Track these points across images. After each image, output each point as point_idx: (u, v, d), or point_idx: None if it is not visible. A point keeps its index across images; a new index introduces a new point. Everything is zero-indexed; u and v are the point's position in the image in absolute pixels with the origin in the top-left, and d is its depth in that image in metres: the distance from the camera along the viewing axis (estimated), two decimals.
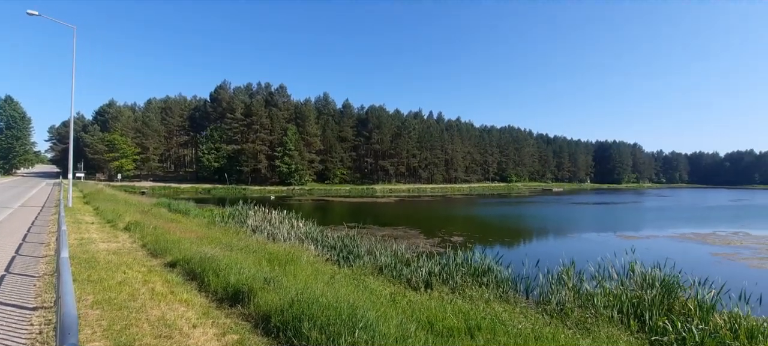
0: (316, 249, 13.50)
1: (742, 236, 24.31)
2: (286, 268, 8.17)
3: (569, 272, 10.20)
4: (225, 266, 7.07)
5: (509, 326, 6.02)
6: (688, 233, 25.17)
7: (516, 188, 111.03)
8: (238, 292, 5.74)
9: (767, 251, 18.87)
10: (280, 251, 10.12)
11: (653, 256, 13.10)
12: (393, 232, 23.16)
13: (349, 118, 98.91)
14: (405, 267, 11.22)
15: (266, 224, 19.34)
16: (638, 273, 9.81)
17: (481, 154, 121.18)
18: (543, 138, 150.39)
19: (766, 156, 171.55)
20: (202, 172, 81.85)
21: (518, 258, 13.65)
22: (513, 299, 9.15)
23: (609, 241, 21.63)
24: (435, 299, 8.00)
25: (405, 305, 6.70)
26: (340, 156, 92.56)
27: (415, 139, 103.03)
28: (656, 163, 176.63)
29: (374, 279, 9.58)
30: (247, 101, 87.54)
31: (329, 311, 4.31)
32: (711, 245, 20.54)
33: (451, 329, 5.45)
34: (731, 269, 14.78)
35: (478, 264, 11.32)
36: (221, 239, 12.56)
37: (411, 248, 15.33)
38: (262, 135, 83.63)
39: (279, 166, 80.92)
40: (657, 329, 7.35)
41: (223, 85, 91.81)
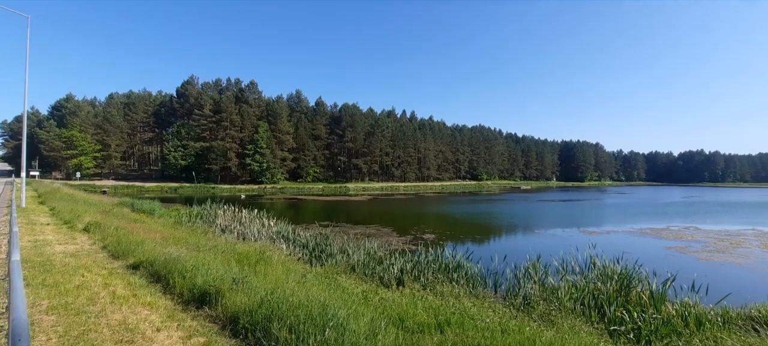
0: (288, 248, 13.34)
1: (693, 230, 25.99)
2: (256, 268, 8.04)
3: (535, 266, 10.60)
4: (191, 267, 6.88)
5: (477, 321, 6.20)
6: (645, 229, 26.65)
7: (486, 186, 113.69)
8: (205, 293, 5.61)
9: (714, 244, 20.26)
10: (250, 251, 9.93)
11: (613, 250, 13.80)
12: (366, 230, 23.19)
13: (322, 116, 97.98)
14: (377, 265, 11.28)
15: (236, 223, 18.91)
16: (599, 267, 10.32)
17: (453, 153, 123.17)
18: (512, 137, 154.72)
19: (714, 156, 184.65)
20: (169, 170, 78.72)
21: (488, 254, 14.02)
22: (482, 294, 9.41)
23: (573, 236, 22.56)
24: (406, 295, 8.11)
25: (377, 303, 6.75)
26: (313, 154, 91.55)
27: (389, 137, 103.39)
28: (616, 162, 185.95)
29: (346, 278, 9.59)
30: (217, 97, 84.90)
31: (300, 310, 4.29)
32: (665, 240, 21.84)
33: (421, 324, 5.55)
34: (682, 261, 15.78)
35: (448, 261, 11.54)
36: (188, 239, 12.18)
37: (384, 246, 15.43)
38: (232, 132, 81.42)
39: (250, 165, 79.10)
40: (615, 319, 7.76)
41: (190, 81, 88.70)
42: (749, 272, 14.46)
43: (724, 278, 12.88)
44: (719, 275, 13.43)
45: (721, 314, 7.78)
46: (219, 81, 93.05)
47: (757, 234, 24.19)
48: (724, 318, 7.63)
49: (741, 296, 9.23)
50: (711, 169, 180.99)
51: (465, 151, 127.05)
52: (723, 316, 7.70)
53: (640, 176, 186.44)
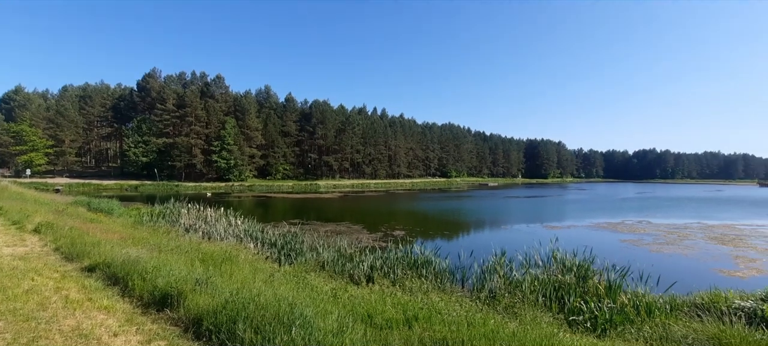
0: (255, 247, 13.08)
1: (645, 224, 27.66)
2: (221, 268, 7.84)
3: (501, 261, 10.94)
4: (152, 268, 6.62)
5: (445, 315, 6.34)
6: (602, 223, 28.10)
7: (455, 183, 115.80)
8: (166, 295, 5.42)
9: (664, 237, 21.67)
10: (215, 251, 9.67)
11: (573, 243, 14.45)
12: (336, 227, 23.09)
13: (292, 113, 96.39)
14: (347, 262, 11.28)
15: (201, 222, 18.30)
16: (559, 260, 10.79)
17: (423, 151, 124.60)
18: (480, 136, 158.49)
19: (665, 154, 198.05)
20: (128, 167, 74.94)
21: (456, 250, 14.32)
22: (450, 289, 9.62)
23: (536, 231, 23.44)
24: (376, 292, 8.17)
25: (346, 300, 6.76)
26: (283, 151, 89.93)
27: (360, 134, 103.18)
28: (577, 159, 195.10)
29: (316, 276, 9.53)
30: (180, 91, 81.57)
31: (266, 310, 4.24)
32: (620, 233, 23.12)
33: (390, 320, 5.61)
34: (636, 253, 16.77)
35: (418, 257, 11.70)
36: (149, 239, 11.69)
37: (354, 243, 15.42)
38: (198, 128, 78.53)
39: (217, 162, 76.66)
40: (574, 309, 8.15)
41: (152, 73, 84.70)
42: (694, 262, 15.59)
43: (672, 268, 13.81)
44: (668, 266, 14.39)
45: (668, 301, 8.30)
46: (183, 74, 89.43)
47: (702, 227, 26.07)
48: (671, 305, 8.15)
49: (687, 285, 9.92)
50: (662, 166, 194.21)
51: (435, 149, 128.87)
52: (670, 303, 8.23)
53: (598, 173, 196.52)
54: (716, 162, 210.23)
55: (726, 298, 8.27)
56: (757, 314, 7.43)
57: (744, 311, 7.60)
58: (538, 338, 5.01)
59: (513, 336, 5.11)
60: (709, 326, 6.79)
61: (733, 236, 21.90)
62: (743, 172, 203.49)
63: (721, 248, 18.51)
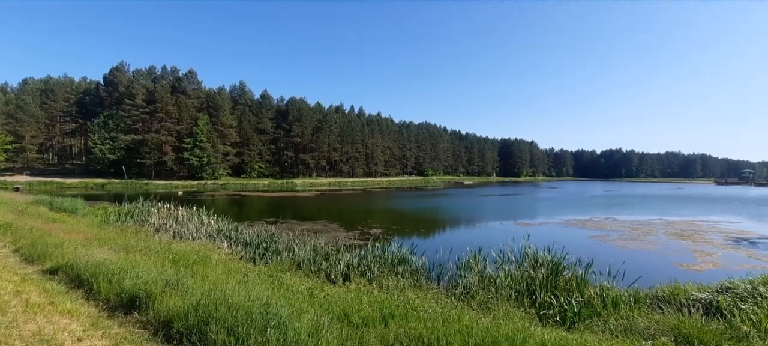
0: (229, 247, 12.80)
1: (611, 220, 28.85)
2: (193, 269, 7.63)
3: (476, 257, 11.14)
4: (119, 269, 6.38)
5: (421, 312, 6.42)
6: (572, 220, 29.10)
7: (432, 181, 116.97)
8: (134, 298, 5.24)
9: (629, 233, 22.66)
10: (187, 251, 9.41)
11: (544, 240, 14.87)
12: (313, 226, 22.89)
13: (268, 110, 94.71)
14: (324, 261, 11.19)
15: (172, 222, 17.72)
16: (531, 256, 11.08)
17: (400, 149, 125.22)
18: (456, 135, 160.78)
19: (630, 154, 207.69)
20: (94, 165, 71.59)
21: (432, 247, 14.49)
22: (426, 286, 9.71)
23: (510, 228, 24.02)
24: (352, 290, 8.16)
25: (322, 299, 6.73)
26: (259, 149, 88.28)
27: (337, 133, 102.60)
28: (548, 158, 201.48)
29: (292, 275, 9.42)
30: (150, 86, 78.62)
31: (240, 310, 4.17)
32: (588, 229, 24.01)
33: (366, 318, 5.63)
34: (603, 248, 17.48)
35: (394, 255, 11.74)
36: (116, 240, 11.25)
37: (331, 242, 15.33)
38: (168, 124, 75.97)
39: (189, 159, 74.40)
40: (545, 303, 8.40)
41: (119, 67, 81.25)
42: (656, 256, 16.39)
43: (636, 263, 14.45)
44: (632, 260, 15.03)
45: (633, 294, 8.65)
46: (153, 69, 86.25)
47: (664, 223, 27.42)
48: (635, 298, 8.50)
49: (649, 278, 10.39)
50: (628, 165, 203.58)
51: (412, 148, 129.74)
52: (634, 296, 8.58)
53: (568, 172, 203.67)
54: (677, 162, 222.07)
55: (685, 290, 8.72)
56: (713, 305, 7.86)
57: (701, 302, 8.03)
58: (510, 333, 5.14)
59: (486, 331, 5.22)
60: (669, 318, 7.14)
61: (691, 232, 23.14)
62: (701, 171, 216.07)
63: (681, 243, 19.54)
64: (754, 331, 6.43)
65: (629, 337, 6.45)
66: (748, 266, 14.25)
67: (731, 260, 15.72)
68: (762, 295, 8.27)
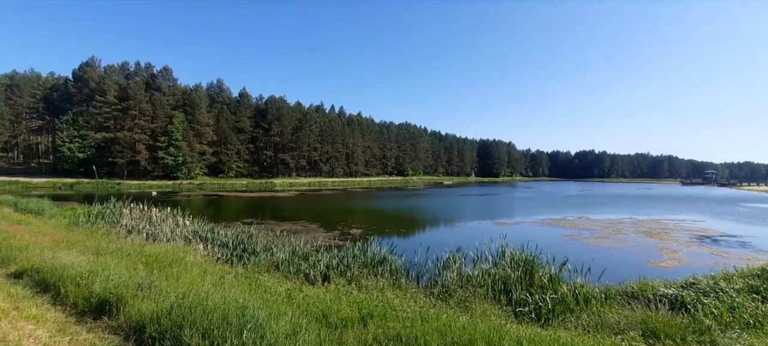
0: (205, 248, 12.53)
1: (585, 219, 29.77)
2: (167, 271, 7.44)
3: (454, 257, 11.29)
4: (88, 273, 6.15)
5: (399, 312, 6.46)
6: (547, 219, 29.87)
7: (412, 181, 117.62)
8: (104, 302, 5.07)
9: (601, 231, 23.45)
10: (160, 253, 9.16)
11: (520, 239, 15.21)
12: (293, 226, 22.66)
13: (246, 109, 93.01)
14: (303, 262, 11.10)
15: (145, 222, 17.19)
16: (508, 255, 11.32)
17: (381, 149, 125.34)
18: (436, 135, 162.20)
19: (602, 155, 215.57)
20: (63, 164, 68.51)
21: (412, 247, 14.57)
22: (405, 286, 9.78)
23: (488, 228, 24.45)
24: (332, 291, 8.14)
25: (301, 301, 6.68)
26: (237, 148, 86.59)
27: (317, 132, 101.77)
28: (526, 159, 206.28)
29: (270, 276, 9.31)
30: (123, 83, 75.91)
31: (215, 314, 4.09)
32: (562, 228, 24.70)
33: (345, 319, 5.63)
34: (576, 246, 18.03)
35: (374, 255, 11.77)
36: (85, 242, 10.84)
37: (310, 242, 15.20)
38: (142, 122, 73.56)
39: (163, 159, 72.21)
40: (520, 301, 8.60)
41: (90, 63, 78.12)
42: (626, 254, 17.02)
43: (607, 260, 14.97)
44: (604, 258, 15.58)
45: (604, 291, 8.95)
46: (126, 64, 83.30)
47: (633, 222, 28.50)
48: (606, 295, 8.80)
49: (620, 275, 10.77)
50: (600, 166, 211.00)
51: (392, 148, 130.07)
52: (605, 293, 8.88)
53: (544, 172, 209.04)
54: (646, 162, 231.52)
55: (652, 286, 9.10)
56: (679, 300, 8.24)
57: (667, 297, 8.40)
58: (486, 330, 5.25)
59: (463, 329, 5.31)
60: (637, 313, 7.44)
61: (659, 230, 24.15)
62: (668, 171, 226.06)
63: (649, 240, 20.35)
64: (715, 324, 6.78)
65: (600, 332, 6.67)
66: (711, 262, 14.98)
67: (695, 256, 16.50)
68: (723, 290, 8.73)
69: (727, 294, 8.44)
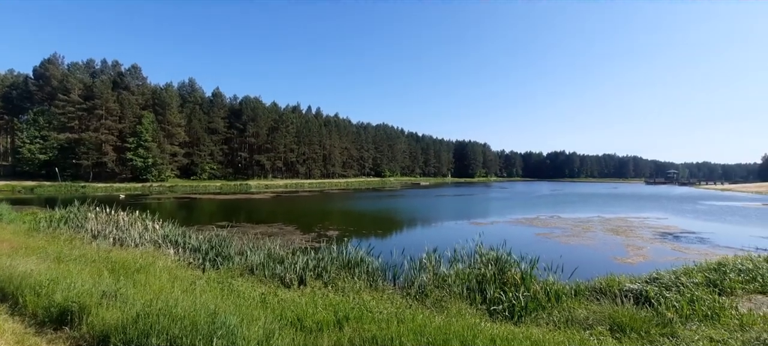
0: (176, 253, 12.14)
1: (556, 218, 30.68)
2: (135, 277, 7.17)
3: (430, 257, 11.39)
4: (48, 281, 5.86)
5: (375, 313, 6.46)
6: (520, 218, 30.60)
7: (389, 182, 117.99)
8: (65, 311, 4.83)
9: (571, 229, 24.23)
10: (128, 259, 8.82)
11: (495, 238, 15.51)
12: (268, 229, 22.28)
13: (220, 109, 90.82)
14: (278, 265, 10.93)
15: (112, 227, 16.49)
16: (483, 254, 11.52)
17: (358, 150, 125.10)
18: (413, 136, 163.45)
19: (572, 156, 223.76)
20: (22, 165, 64.83)
21: (389, 248, 14.60)
22: (382, 287, 9.79)
23: (464, 227, 24.82)
24: (307, 294, 8.05)
25: (275, 305, 6.58)
26: (210, 149, 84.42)
27: (294, 133, 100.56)
28: (500, 160, 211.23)
29: (244, 281, 9.12)
30: (88, 81, 72.65)
31: (184, 321, 3.97)
32: (535, 227, 25.38)
33: (320, 323, 5.58)
34: (548, 245, 18.55)
35: (351, 256, 11.71)
36: (47, 248, 10.31)
37: (286, 245, 15.00)
38: (109, 122, 70.61)
39: (132, 160, 69.56)
40: (495, 299, 8.77)
41: (52, 59, 74.32)
42: (595, 251, 17.66)
43: (577, 257, 15.48)
44: (574, 255, 16.11)
45: (574, 287, 9.24)
46: (91, 62, 79.78)
47: (601, 220, 29.60)
48: (576, 291, 9.09)
49: (589, 272, 11.13)
50: (570, 166, 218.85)
51: (369, 149, 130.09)
52: (575, 289, 9.17)
53: (518, 173, 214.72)
54: (613, 163, 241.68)
55: (619, 282, 9.47)
56: (643, 295, 8.61)
57: (633, 292, 8.76)
58: (461, 330, 5.32)
59: (438, 329, 5.36)
60: (605, 307, 7.73)
61: (625, 228, 25.18)
62: (633, 171, 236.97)
63: (616, 238, 21.19)
64: (676, 317, 7.13)
65: (570, 328, 6.88)
66: (672, 258, 15.74)
67: (659, 252, 17.29)
68: (684, 284, 9.19)
69: (687, 288, 8.89)
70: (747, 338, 5.93)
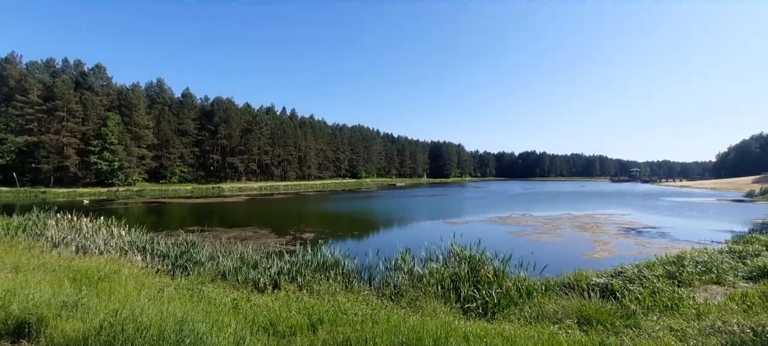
0: (143, 260, 11.70)
1: (528, 216, 31.55)
2: (98, 286, 6.87)
3: (405, 257, 11.47)
4: (5, 292, 5.53)
5: (350, 315, 6.45)
6: (494, 217, 31.28)
7: (365, 183, 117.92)
8: (23, 324, 4.58)
9: (542, 227, 24.99)
10: (91, 267, 8.43)
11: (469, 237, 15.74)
12: (242, 233, 21.82)
13: (190, 110, 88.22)
14: (252, 269, 10.73)
15: (74, 234, 15.68)
16: (457, 253, 11.71)
17: (334, 152, 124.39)
18: (389, 137, 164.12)
19: (542, 155, 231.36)
20: None
21: (365, 249, 14.58)
22: (357, 289, 9.77)
23: (439, 227, 25.14)
24: (281, 298, 7.95)
25: (248, 310, 6.47)
26: (180, 152, 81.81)
27: (268, 135, 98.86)
28: (474, 160, 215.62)
29: (215, 287, 8.90)
30: (48, 81, 68.92)
31: (150, 330, 3.85)
32: (507, 226, 26.00)
33: (293, 326, 5.53)
34: (520, 242, 19.04)
35: (326, 258, 11.64)
36: (3, 257, 9.72)
37: (260, 249, 14.74)
38: (71, 124, 67.23)
39: (97, 164, 66.47)
40: (469, 297, 8.93)
41: (9, 59, 70.12)
42: (564, 247, 18.28)
43: (547, 254, 15.99)
44: (545, 252, 16.62)
45: (544, 283, 9.52)
46: (52, 61, 75.74)
47: (570, 218, 30.67)
48: (546, 286, 9.37)
49: (558, 268, 11.51)
50: (541, 166, 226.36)
51: (345, 150, 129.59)
52: (545, 285, 9.45)
53: (491, 172, 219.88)
54: (580, 162, 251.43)
55: (586, 277, 9.85)
56: (609, 288, 9.00)
57: (599, 286, 9.14)
58: (434, 329, 5.39)
59: (413, 329, 5.42)
60: (573, 302, 8.02)
61: (592, 224, 26.19)
62: (600, 170, 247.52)
63: (584, 234, 22.01)
64: (639, 308, 7.50)
65: (540, 322, 7.10)
66: (636, 252, 16.50)
67: (623, 247, 18.09)
68: (646, 277, 9.68)
69: (649, 280, 9.36)
70: (703, 326, 6.29)
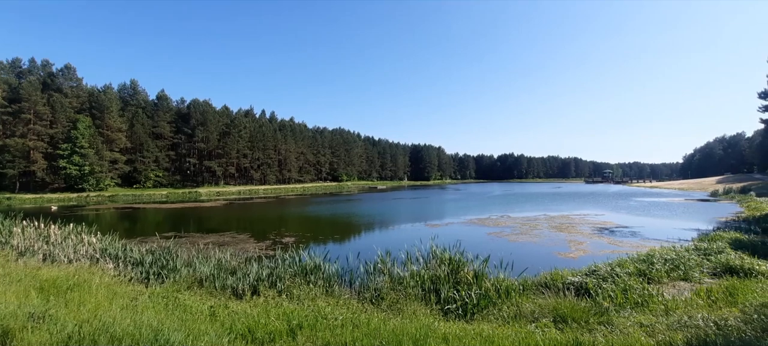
0: (116, 268, 11.31)
1: (506, 218, 32.12)
2: (67, 296, 6.61)
3: (385, 260, 11.50)
4: None
5: (331, 320, 6.44)
6: (473, 219, 31.71)
7: (346, 186, 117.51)
8: None
9: (520, 228, 25.49)
10: (60, 276, 8.10)
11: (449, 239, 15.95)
12: (220, 238, 21.37)
13: (165, 112, 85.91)
14: (230, 276, 10.54)
15: (41, 242, 15.00)
16: (437, 254, 11.82)
17: (314, 155, 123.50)
18: (369, 140, 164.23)
19: (520, 158, 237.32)
20: None
21: (346, 252, 14.55)
22: (338, 293, 9.74)
23: (420, 230, 25.28)
24: (260, 304, 7.85)
25: (225, 318, 6.36)
26: (155, 156, 79.52)
27: (247, 138, 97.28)
28: (454, 163, 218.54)
29: (191, 294, 8.70)
30: (14, 82, 65.87)
31: (124, 341, 3.75)
32: (487, 227, 26.41)
33: (272, 333, 5.48)
34: (498, 243, 19.37)
35: (306, 263, 11.54)
36: None
37: (239, 254, 14.46)
38: (38, 127, 64.41)
39: (66, 168, 63.84)
40: (448, 299, 9.03)
41: None
42: (541, 247, 18.71)
43: (525, 254, 16.34)
44: (522, 252, 16.97)
45: (522, 283, 9.73)
46: (17, 61, 72.41)
47: (547, 218, 31.41)
48: (523, 286, 9.58)
49: (535, 267, 11.77)
50: (519, 168, 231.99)
51: (326, 153, 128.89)
52: (523, 285, 9.66)
53: (471, 175, 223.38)
54: (556, 164, 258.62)
55: (562, 276, 10.13)
56: (583, 287, 9.28)
57: (574, 285, 9.41)
58: (414, 331, 5.45)
59: (393, 332, 5.46)
60: (549, 301, 8.24)
61: (567, 225, 26.90)
62: (575, 171, 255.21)
63: (560, 234, 22.58)
64: (612, 306, 7.77)
65: (518, 321, 7.27)
66: (609, 251, 17.04)
67: (597, 246, 18.66)
68: (618, 275, 10.02)
69: (621, 278, 9.70)
70: (671, 322, 6.57)
